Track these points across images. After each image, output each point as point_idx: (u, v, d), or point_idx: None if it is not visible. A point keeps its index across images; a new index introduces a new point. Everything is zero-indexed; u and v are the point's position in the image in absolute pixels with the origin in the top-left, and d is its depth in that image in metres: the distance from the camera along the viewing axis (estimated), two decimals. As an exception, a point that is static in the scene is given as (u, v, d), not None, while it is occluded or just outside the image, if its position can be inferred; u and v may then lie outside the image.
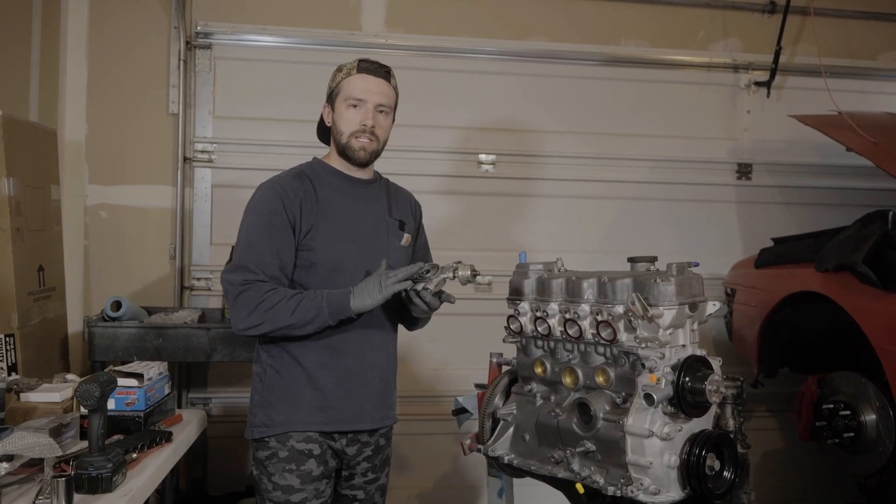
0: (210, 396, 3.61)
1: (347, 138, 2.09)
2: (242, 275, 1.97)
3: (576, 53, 3.91)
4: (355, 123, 2.08)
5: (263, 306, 1.94)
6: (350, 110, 2.08)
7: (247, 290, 1.95)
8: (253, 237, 2.03)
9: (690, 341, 1.71)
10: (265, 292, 1.95)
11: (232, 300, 1.98)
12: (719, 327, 3.78)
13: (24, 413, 2.19)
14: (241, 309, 1.96)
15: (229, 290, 1.99)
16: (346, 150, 2.11)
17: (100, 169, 3.57)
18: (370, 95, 2.08)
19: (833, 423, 2.87)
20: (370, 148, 2.11)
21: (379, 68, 2.12)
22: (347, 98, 2.08)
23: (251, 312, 1.94)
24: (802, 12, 3.97)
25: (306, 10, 3.71)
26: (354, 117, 2.08)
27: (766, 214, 4.03)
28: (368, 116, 2.08)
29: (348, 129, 2.09)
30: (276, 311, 1.94)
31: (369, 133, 2.09)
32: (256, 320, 1.95)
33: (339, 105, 2.10)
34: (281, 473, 2.02)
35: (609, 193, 3.92)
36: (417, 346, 3.68)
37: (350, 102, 2.08)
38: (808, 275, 2.91)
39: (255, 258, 1.99)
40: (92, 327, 2.97)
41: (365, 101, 2.08)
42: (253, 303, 1.94)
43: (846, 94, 3.61)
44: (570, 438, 1.76)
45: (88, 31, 3.57)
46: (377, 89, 2.09)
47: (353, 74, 2.09)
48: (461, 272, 1.95)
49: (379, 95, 2.10)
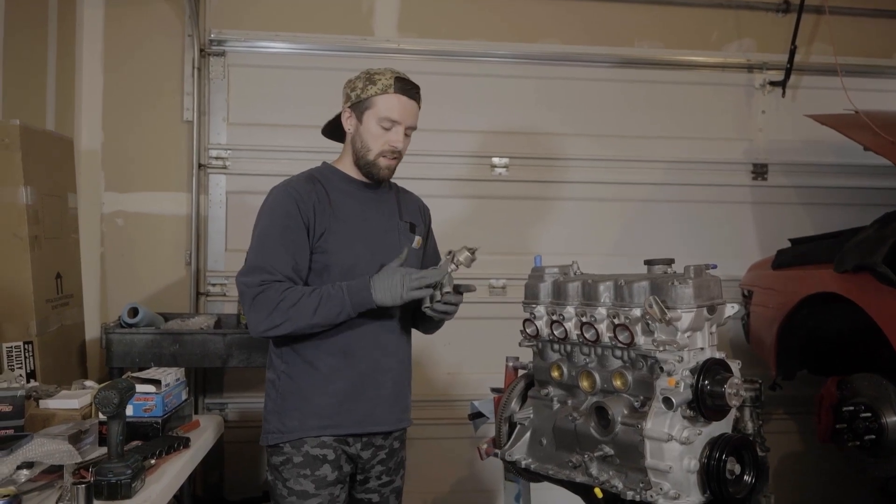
0: (226, 402, 3.63)
1: (375, 157, 2.08)
2: (259, 276, 1.96)
3: (588, 56, 3.89)
4: (386, 144, 2.06)
5: (283, 305, 1.92)
6: (381, 130, 2.06)
7: (264, 291, 1.94)
8: (268, 239, 2.02)
9: (709, 344, 1.69)
10: (283, 290, 1.94)
11: (249, 302, 1.96)
12: (736, 329, 3.75)
13: (43, 420, 2.20)
14: (261, 310, 1.94)
15: (246, 293, 1.97)
16: (370, 167, 2.10)
17: (116, 177, 3.60)
18: (405, 119, 2.06)
19: (853, 426, 2.84)
20: (394, 166, 2.12)
21: (414, 89, 2.09)
22: (382, 118, 2.04)
23: (271, 312, 1.93)
24: (817, 11, 3.94)
25: (319, 17, 3.72)
26: (386, 138, 2.06)
27: (783, 215, 4.00)
28: (400, 140, 2.07)
29: (377, 149, 2.07)
30: (297, 310, 1.93)
31: (396, 154, 2.09)
32: (278, 319, 1.93)
33: (370, 121, 2.06)
34: (296, 479, 2.03)
35: (624, 196, 3.91)
36: (432, 350, 3.67)
37: (384, 124, 2.05)
38: (827, 276, 2.88)
39: (270, 260, 1.98)
40: (109, 334, 2.99)
41: (399, 123, 2.06)
42: (272, 302, 1.93)
43: (863, 92, 3.57)
44: (588, 442, 1.74)
45: (104, 40, 3.60)
46: (412, 112, 2.08)
47: (390, 93, 2.04)
48: (460, 257, 1.96)
49: (412, 118, 2.09)
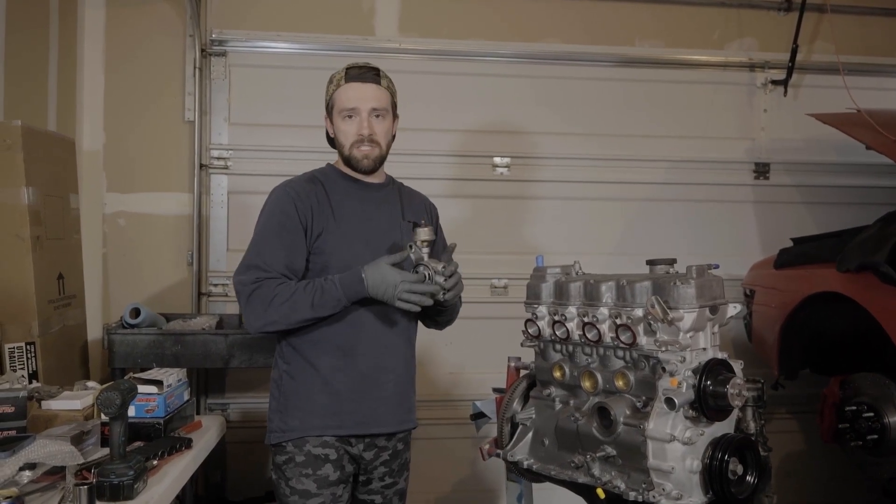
0: (228, 402, 3.63)
1: (349, 150, 2.10)
2: (254, 273, 1.99)
3: (589, 55, 3.89)
4: (353, 134, 2.09)
5: (278, 300, 1.95)
6: (346, 122, 2.09)
7: (259, 288, 1.97)
8: (264, 237, 2.05)
9: (711, 344, 1.68)
10: (277, 286, 1.96)
11: (245, 300, 1.99)
12: (739, 328, 3.74)
13: (45, 421, 2.20)
14: (256, 307, 1.97)
15: (241, 291, 2.00)
16: (350, 161, 2.12)
17: (117, 177, 3.60)
18: (361, 103, 2.07)
19: (856, 426, 2.84)
20: (373, 155, 2.11)
21: (366, 72, 2.10)
22: (341, 110, 2.08)
23: (266, 308, 1.95)
24: (819, 9, 3.94)
25: (320, 16, 3.72)
26: (351, 129, 2.08)
27: (785, 214, 3.99)
28: (364, 126, 2.08)
29: (347, 141, 2.10)
30: (291, 304, 1.95)
31: (368, 141, 2.09)
32: (273, 315, 1.96)
33: (336, 118, 2.11)
34: (298, 478, 2.03)
35: (625, 195, 3.90)
36: (435, 350, 3.67)
37: (344, 114, 2.08)
38: (829, 275, 2.87)
39: (265, 257, 2.01)
40: (111, 334, 2.99)
41: (357, 109, 2.07)
42: (267, 299, 1.95)
43: (865, 91, 3.56)
44: (591, 443, 1.74)
45: (105, 40, 3.60)
46: (368, 94, 2.08)
47: (343, 85, 2.09)
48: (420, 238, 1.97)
49: (371, 100, 2.08)
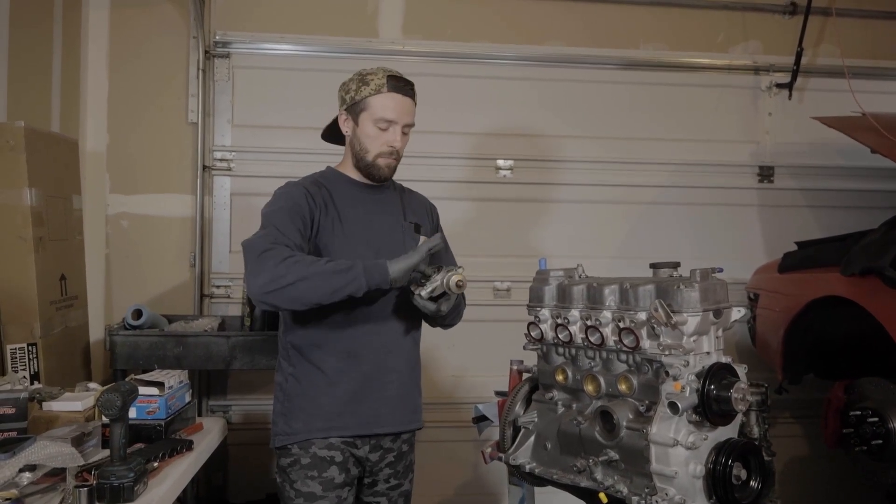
0: (230, 404, 3.62)
1: (373, 158, 2.08)
2: (270, 239, 1.88)
3: (594, 58, 3.88)
4: (384, 145, 2.06)
5: (291, 261, 1.82)
6: (378, 130, 2.05)
7: (274, 248, 1.85)
8: (277, 216, 1.96)
9: (715, 348, 1.68)
10: (295, 251, 1.87)
11: (255, 256, 1.84)
12: (742, 332, 3.73)
13: (46, 422, 2.20)
14: (267, 262, 1.82)
15: (253, 247, 1.87)
16: (370, 169, 2.10)
17: (121, 178, 3.60)
18: (401, 117, 2.05)
19: (860, 430, 2.82)
20: (394, 166, 2.12)
21: (408, 86, 2.07)
22: (378, 119, 2.03)
23: (277, 265, 1.81)
24: (824, 13, 3.93)
25: (324, 18, 3.72)
26: (384, 138, 2.05)
27: (789, 218, 3.98)
28: (398, 139, 2.06)
29: (375, 150, 2.07)
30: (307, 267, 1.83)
31: (395, 154, 2.09)
32: (282, 271, 1.80)
33: (365, 122, 2.06)
34: (303, 480, 2.03)
35: (629, 198, 3.89)
36: (437, 353, 3.66)
37: (380, 125, 2.04)
38: (834, 279, 2.86)
39: (280, 231, 1.92)
40: (113, 336, 2.99)
41: (396, 122, 2.05)
42: (280, 257, 1.83)
43: (870, 94, 3.54)
44: (593, 447, 1.73)
45: (109, 42, 3.60)
46: (407, 109, 2.07)
47: (384, 92, 2.03)
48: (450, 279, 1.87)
49: (408, 116, 2.07)
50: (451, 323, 2.24)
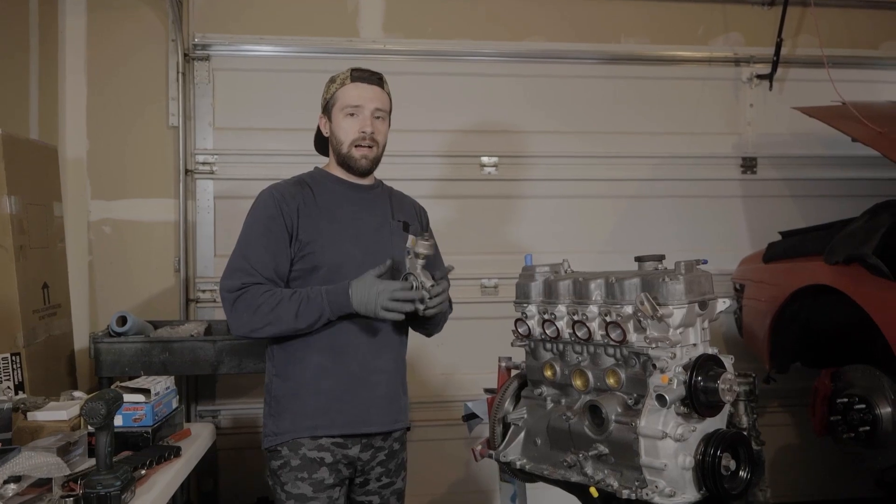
0: (219, 408, 3.60)
1: (348, 148, 2.11)
2: (239, 279, 1.99)
3: (575, 52, 3.89)
4: (354, 132, 2.10)
5: (264, 309, 1.95)
6: (348, 119, 2.10)
7: (244, 294, 1.97)
8: (249, 241, 2.05)
9: (701, 340, 1.68)
10: (263, 293, 1.96)
11: (230, 306, 1.98)
12: (729, 323, 3.75)
13: (31, 432, 2.17)
14: (241, 314, 1.97)
15: (226, 298, 2.00)
16: (347, 161, 2.13)
17: (102, 184, 3.57)
18: (366, 102, 2.10)
19: (848, 418, 2.84)
20: (371, 155, 2.13)
21: (372, 75, 2.14)
22: (344, 107, 2.10)
23: (252, 317, 1.96)
24: (802, 3, 3.95)
25: (303, 19, 3.70)
26: (353, 126, 2.10)
27: (773, 208, 4.00)
28: (367, 123, 2.10)
29: (348, 139, 2.10)
30: (276, 314, 1.95)
31: (369, 140, 2.10)
32: (258, 323, 1.96)
33: (337, 115, 2.12)
34: (293, 482, 2.02)
35: (613, 192, 3.90)
36: (426, 352, 3.66)
37: (347, 111, 2.10)
38: (818, 268, 2.88)
39: (251, 260, 2.01)
40: (97, 343, 2.96)
41: (362, 107, 2.10)
42: (253, 306, 1.95)
43: (850, 83, 3.57)
44: (583, 442, 1.73)
45: (86, 47, 3.57)
46: (374, 95, 2.12)
47: (348, 84, 2.11)
48: (418, 249, 1.95)
49: (375, 101, 2.12)
50: (433, 331, 2.26)
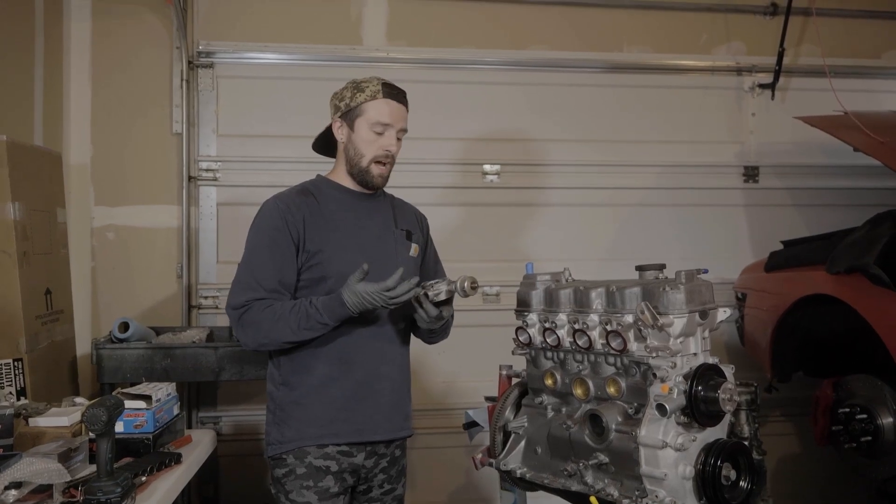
0: (220, 415, 3.60)
1: (368, 163, 2.09)
2: (244, 295, 2.00)
3: (578, 61, 3.90)
4: (380, 149, 2.08)
5: (265, 326, 1.97)
6: (374, 135, 2.08)
7: (248, 311, 1.99)
8: (254, 254, 2.05)
9: (702, 349, 1.68)
10: (264, 309, 1.98)
11: (236, 323, 2.02)
12: (731, 332, 3.75)
13: (32, 438, 2.18)
14: (247, 330, 2.00)
15: (232, 315, 2.03)
16: (363, 174, 2.11)
17: (106, 190, 3.58)
18: (396, 121, 2.09)
19: (850, 427, 2.83)
20: (387, 173, 2.14)
21: (400, 93, 2.13)
22: (374, 123, 2.07)
23: (256, 333, 1.99)
24: (805, 13, 3.96)
25: (307, 27, 3.72)
26: (380, 142, 2.08)
27: (775, 217, 4.00)
28: (393, 143, 2.10)
29: (370, 154, 2.09)
30: (278, 331, 1.97)
31: (390, 159, 2.11)
32: (263, 339, 2.00)
33: (361, 127, 2.08)
34: (298, 490, 2.02)
35: (615, 200, 3.91)
36: (427, 359, 3.66)
37: (376, 129, 2.07)
38: (820, 277, 2.87)
39: (256, 275, 2.02)
40: (100, 349, 2.97)
41: (391, 126, 2.08)
42: (255, 323, 1.98)
43: (851, 93, 3.58)
44: (583, 451, 1.73)
45: (91, 54, 3.59)
46: (401, 114, 2.11)
47: (379, 98, 2.07)
48: (464, 282, 1.92)
49: (402, 121, 2.12)
50: (438, 339, 2.26)
